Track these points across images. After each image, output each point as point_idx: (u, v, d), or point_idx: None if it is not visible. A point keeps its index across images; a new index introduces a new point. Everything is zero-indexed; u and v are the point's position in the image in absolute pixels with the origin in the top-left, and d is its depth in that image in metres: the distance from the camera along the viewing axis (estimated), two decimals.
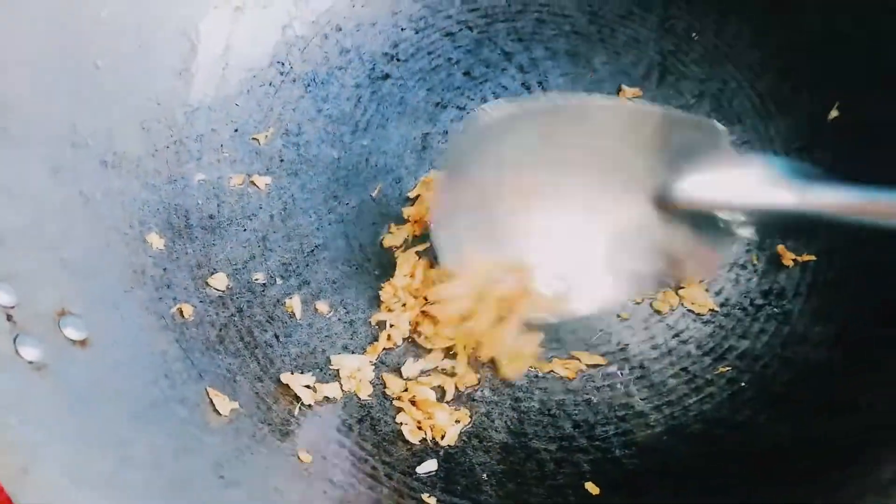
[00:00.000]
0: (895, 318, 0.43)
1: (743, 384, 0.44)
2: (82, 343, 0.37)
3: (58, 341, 0.36)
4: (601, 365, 0.45)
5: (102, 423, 0.34)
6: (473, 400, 0.44)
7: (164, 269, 0.44)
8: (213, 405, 0.40)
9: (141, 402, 0.37)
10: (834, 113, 0.48)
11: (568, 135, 0.39)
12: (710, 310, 0.46)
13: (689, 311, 0.46)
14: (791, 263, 0.46)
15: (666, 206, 0.39)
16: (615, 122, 0.39)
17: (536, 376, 0.45)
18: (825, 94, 0.49)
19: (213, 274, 0.46)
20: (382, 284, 0.46)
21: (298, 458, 0.40)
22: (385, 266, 0.48)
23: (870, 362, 0.42)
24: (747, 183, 0.37)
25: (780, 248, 0.46)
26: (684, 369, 0.45)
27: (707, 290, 0.46)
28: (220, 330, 0.44)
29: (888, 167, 0.45)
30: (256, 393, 0.42)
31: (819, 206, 0.36)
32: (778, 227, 0.45)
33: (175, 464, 0.36)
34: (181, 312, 0.43)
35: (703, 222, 0.39)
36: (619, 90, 0.52)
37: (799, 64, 0.50)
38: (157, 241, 0.44)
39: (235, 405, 0.40)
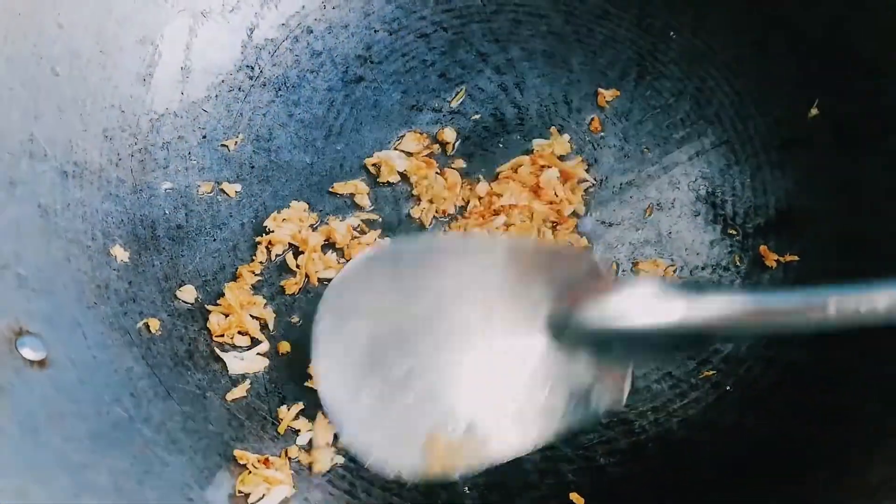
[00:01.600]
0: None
1: (728, 387, 0.43)
2: (41, 363, 0.35)
3: (14, 362, 0.34)
4: None
5: (60, 447, 0.33)
6: None
7: (130, 283, 0.42)
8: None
9: (103, 423, 0.36)
10: (813, 111, 0.47)
11: (447, 277, 0.38)
12: None
13: None
14: (774, 264, 0.45)
15: (560, 336, 0.38)
16: (495, 259, 0.38)
17: None
18: (804, 92, 0.48)
19: (181, 286, 0.44)
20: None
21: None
22: None
23: (855, 363, 0.41)
24: (634, 303, 0.36)
25: (763, 248, 0.46)
26: (668, 374, 0.44)
27: None
28: (189, 344, 0.42)
29: (867, 165, 0.45)
30: (227, 409, 0.41)
31: (709, 315, 0.34)
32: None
33: (139, 488, 0.34)
34: (148, 327, 0.42)
35: (602, 347, 0.38)
36: (596, 93, 0.51)
37: (778, 62, 0.50)
38: (121, 253, 0.43)
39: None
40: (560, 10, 0.53)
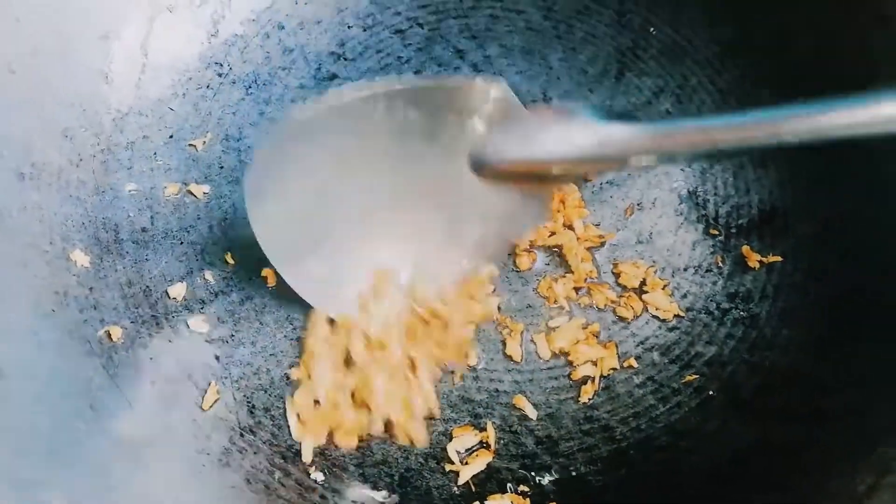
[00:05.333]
0: (862, 320, 0.42)
1: (711, 392, 0.42)
2: None
3: None
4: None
5: (11, 463, 0.31)
6: (431, 418, 0.42)
7: (90, 289, 0.41)
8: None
9: (59, 438, 0.34)
10: None
11: (367, 126, 0.39)
12: (675, 315, 0.44)
13: (654, 316, 0.44)
14: (757, 265, 0.44)
15: (482, 169, 0.39)
16: (411, 104, 0.38)
17: (497, 391, 0.42)
18: (786, 90, 0.47)
19: (171, 283, 0.42)
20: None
21: (238, 489, 0.37)
22: None
23: (838, 367, 0.40)
24: (545, 134, 0.37)
25: (745, 249, 0.45)
26: (650, 378, 0.43)
27: (671, 295, 0.44)
28: (154, 353, 0.41)
29: (849, 165, 0.44)
30: (194, 420, 0.39)
31: (620, 144, 0.35)
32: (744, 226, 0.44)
33: None
34: (109, 335, 0.40)
35: (524, 175, 0.39)
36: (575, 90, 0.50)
37: (758, 59, 0.49)
38: (81, 258, 0.41)
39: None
40: (539, 5, 0.52)
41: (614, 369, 0.42)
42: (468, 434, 0.41)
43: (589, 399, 0.42)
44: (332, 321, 0.42)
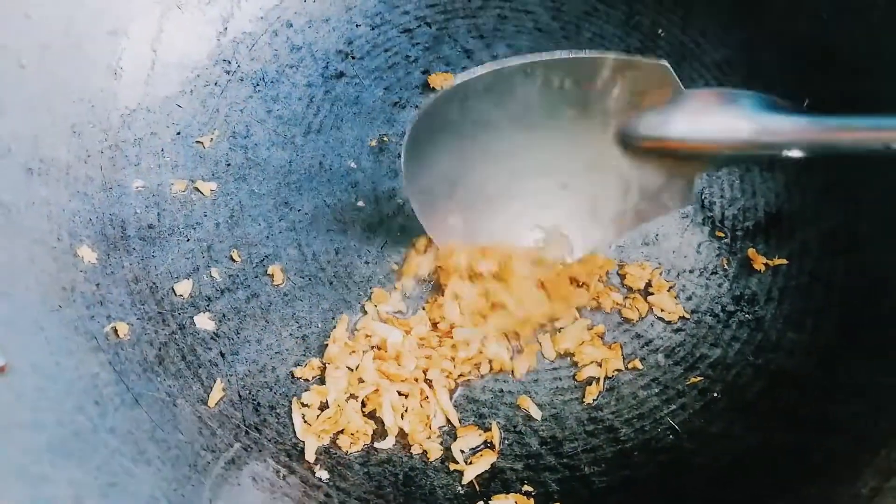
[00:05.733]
0: (868, 324, 0.42)
1: (715, 394, 0.42)
2: (0, 370, 0.34)
3: None
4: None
5: (18, 459, 0.31)
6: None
7: (97, 285, 0.41)
8: None
9: (64, 433, 0.34)
10: None
11: (522, 94, 0.40)
12: (680, 317, 0.44)
13: (659, 318, 0.44)
14: (762, 268, 0.44)
15: (631, 145, 0.40)
16: (566, 75, 0.39)
17: (501, 391, 0.43)
18: (793, 94, 0.47)
19: (177, 281, 0.42)
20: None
21: (244, 487, 0.37)
22: (341, 276, 0.45)
23: (843, 371, 0.40)
24: (706, 117, 0.37)
25: (751, 251, 0.45)
26: (655, 380, 0.43)
27: (677, 297, 0.44)
28: (160, 349, 0.41)
29: (856, 168, 0.44)
30: (199, 417, 0.39)
31: (783, 135, 0.36)
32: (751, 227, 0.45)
33: (102, 501, 0.32)
34: (115, 331, 0.40)
35: (672, 155, 0.40)
36: None
37: (766, 63, 0.49)
38: (88, 254, 0.41)
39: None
40: (547, 6, 0.52)
41: (619, 370, 0.42)
42: (472, 434, 0.41)
43: (593, 400, 0.42)
44: (353, 330, 0.43)
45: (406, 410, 0.41)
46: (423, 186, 0.41)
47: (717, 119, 0.37)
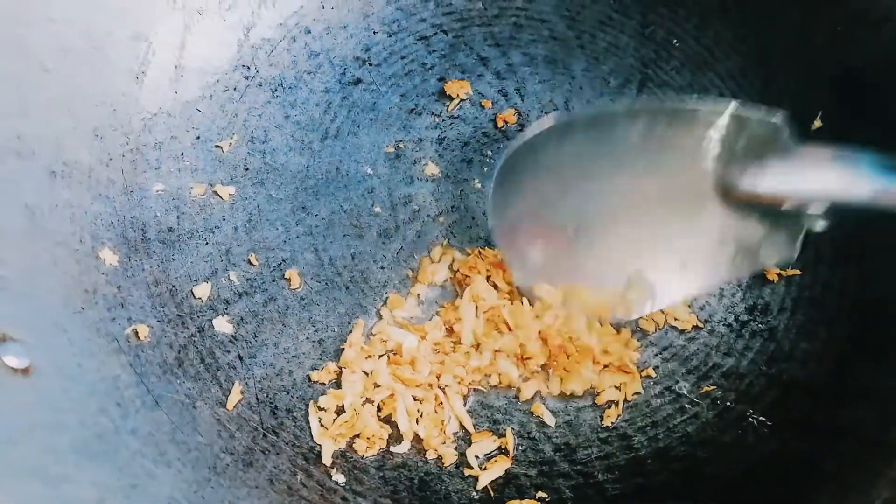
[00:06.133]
0: (882, 334, 0.42)
1: (728, 403, 0.42)
2: (24, 371, 0.34)
3: None
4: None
5: (40, 459, 0.32)
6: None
7: (119, 287, 0.41)
8: None
9: (87, 434, 0.34)
10: (817, 123, 0.47)
11: (621, 138, 0.39)
12: (694, 326, 0.44)
13: (673, 327, 0.44)
14: (776, 278, 0.45)
15: (733, 198, 0.39)
16: (671, 123, 0.39)
17: (515, 397, 0.43)
18: (807, 103, 0.48)
19: (196, 283, 0.43)
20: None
21: (262, 489, 0.38)
22: (357, 281, 0.46)
23: (857, 380, 0.41)
24: (816, 174, 0.36)
25: None
26: (668, 388, 0.43)
27: (690, 306, 0.45)
28: (179, 352, 0.41)
29: None
30: (218, 419, 0.40)
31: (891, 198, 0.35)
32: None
33: (124, 502, 0.33)
34: (136, 334, 0.40)
35: (775, 211, 0.39)
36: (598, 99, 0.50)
37: (781, 72, 0.49)
38: (110, 256, 0.42)
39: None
40: (563, 15, 0.53)
41: (638, 394, 0.43)
42: (487, 439, 0.41)
43: (612, 423, 0.42)
44: (369, 335, 0.43)
45: (421, 415, 0.41)
46: (510, 221, 0.41)
47: (833, 177, 0.36)
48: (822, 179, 0.36)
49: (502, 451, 0.41)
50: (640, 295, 0.42)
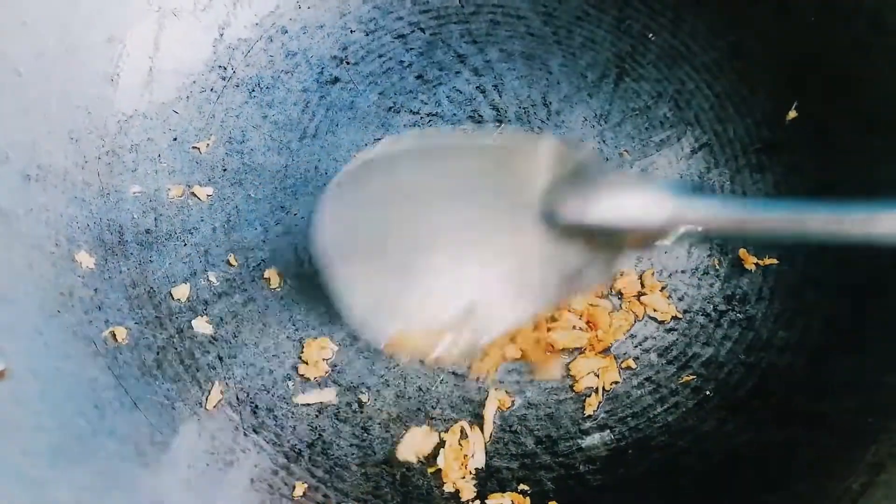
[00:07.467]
0: (858, 322, 0.42)
1: (708, 392, 0.43)
2: (0, 374, 0.34)
3: None
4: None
5: (18, 462, 0.31)
6: (431, 418, 0.42)
7: (95, 290, 0.41)
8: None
9: (64, 437, 0.34)
10: (792, 113, 0.47)
11: (448, 171, 0.40)
12: (672, 317, 0.45)
13: (652, 318, 0.45)
14: (753, 267, 0.45)
15: (552, 225, 0.40)
16: (494, 154, 0.40)
17: (496, 390, 0.43)
18: (782, 94, 0.48)
19: (175, 285, 0.43)
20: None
21: (243, 489, 0.38)
22: None
23: (834, 368, 0.41)
24: (627, 201, 0.37)
25: (742, 251, 0.46)
26: (648, 379, 0.43)
27: (669, 297, 0.45)
28: (158, 353, 0.41)
29: (845, 167, 0.45)
30: (198, 420, 0.40)
31: (696, 219, 0.35)
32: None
33: None
34: (114, 336, 0.40)
35: (593, 233, 0.39)
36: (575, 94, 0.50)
37: (755, 64, 0.49)
38: (86, 259, 0.41)
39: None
40: (539, 11, 0.53)
41: (616, 383, 0.43)
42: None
43: (594, 411, 0.42)
44: None
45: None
46: (337, 257, 0.40)
47: (636, 202, 0.37)
48: (628, 204, 0.37)
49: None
50: (469, 329, 0.41)
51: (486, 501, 0.39)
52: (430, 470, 0.40)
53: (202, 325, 0.43)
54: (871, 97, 0.45)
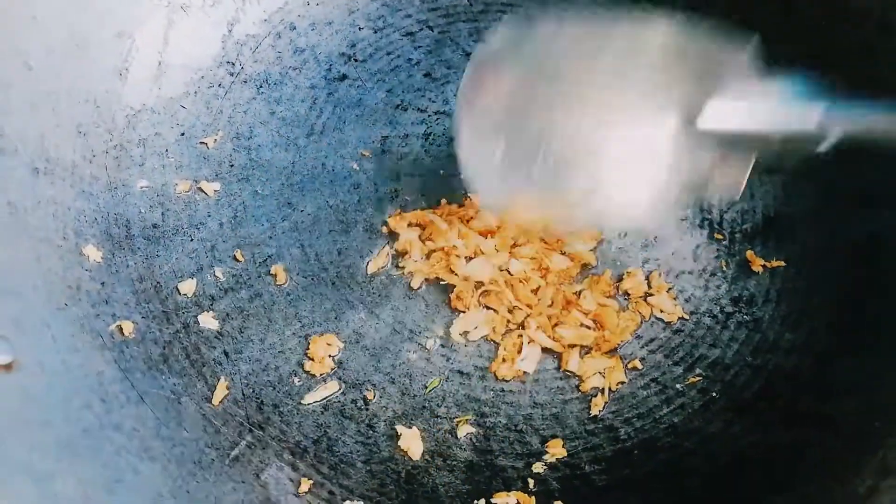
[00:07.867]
0: (865, 324, 0.42)
1: (714, 394, 0.42)
2: (7, 367, 0.34)
3: None
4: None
5: (25, 455, 0.31)
6: (437, 416, 0.42)
7: (102, 284, 0.41)
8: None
9: (71, 430, 0.34)
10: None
11: (595, 52, 0.39)
12: (679, 318, 0.44)
13: (659, 319, 0.45)
14: (761, 269, 0.45)
15: (690, 125, 0.39)
16: (643, 42, 0.39)
17: (503, 390, 0.43)
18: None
19: (181, 280, 0.43)
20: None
21: (248, 484, 0.38)
22: (343, 276, 0.46)
23: (841, 370, 0.41)
24: (769, 107, 0.37)
25: (750, 253, 0.45)
26: (654, 380, 0.43)
27: (676, 298, 0.45)
28: (164, 348, 0.41)
29: (854, 171, 0.45)
30: (203, 415, 0.40)
31: (843, 126, 0.35)
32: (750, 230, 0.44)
33: (108, 497, 0.33)
34: (121, 330, 0.40)
35: (729, 139, 0.39)
36: None
37: (762, 67, 0.49)
38: (94, 253, 0.41)
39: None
40: (548, 10, 0.53)
41: (622, 383, 0.43)
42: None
43: (599, 411, 0.42)
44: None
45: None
46: (475, 138, 0.40)
47: (784, 111, 0.36)
48: (779, 111, 0.36)
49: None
50: (589, 214, 0.42)
51: (491, 500, 0.39)
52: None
53: (208, 321, 0.43)
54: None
